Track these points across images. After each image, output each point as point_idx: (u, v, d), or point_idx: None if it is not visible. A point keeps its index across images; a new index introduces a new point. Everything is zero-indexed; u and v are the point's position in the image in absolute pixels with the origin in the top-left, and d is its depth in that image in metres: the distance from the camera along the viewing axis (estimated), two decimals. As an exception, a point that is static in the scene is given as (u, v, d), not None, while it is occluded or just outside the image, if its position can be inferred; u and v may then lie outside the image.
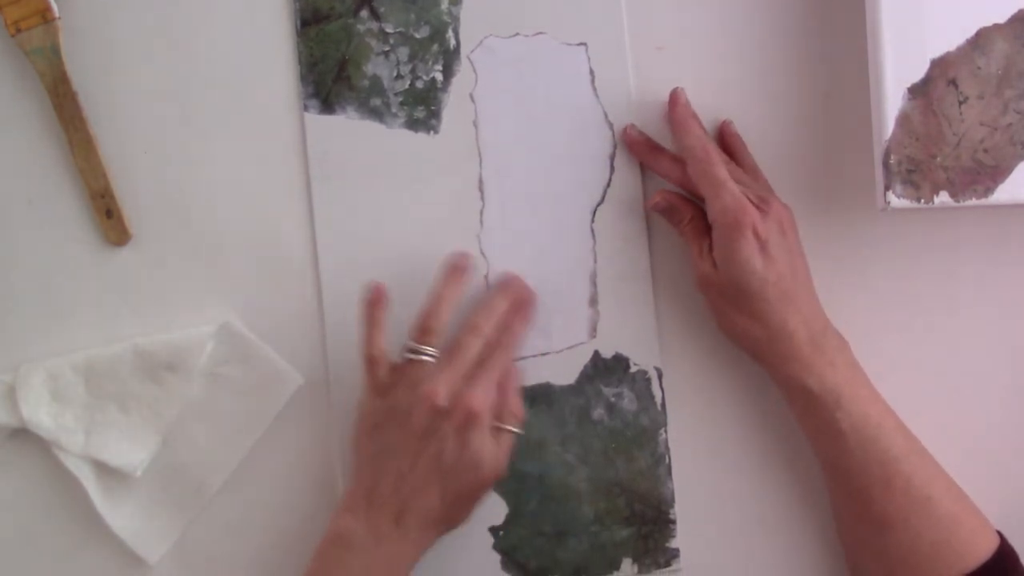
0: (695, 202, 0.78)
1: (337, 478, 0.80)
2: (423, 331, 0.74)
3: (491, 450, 0.72)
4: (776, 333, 0.73)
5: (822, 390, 0.73)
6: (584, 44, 0.81)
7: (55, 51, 0.78)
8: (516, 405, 0.75)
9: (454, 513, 0.72)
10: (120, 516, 0.78)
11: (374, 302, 0.75)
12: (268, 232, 0.80)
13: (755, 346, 0.75)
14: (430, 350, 0.73)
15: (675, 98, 0.78)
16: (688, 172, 0.76)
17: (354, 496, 0.72)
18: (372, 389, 0.74)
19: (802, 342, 0.73)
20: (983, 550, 0.71)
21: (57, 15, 0.78)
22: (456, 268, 0.76)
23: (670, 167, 0.79)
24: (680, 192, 0.78)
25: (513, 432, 0.74)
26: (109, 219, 0.79)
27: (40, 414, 0.77)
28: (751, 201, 0.73)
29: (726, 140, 0.81)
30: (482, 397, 0.71)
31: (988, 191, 0.73)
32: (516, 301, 0.77)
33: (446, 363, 0.72)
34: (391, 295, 0.75)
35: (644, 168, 0.81)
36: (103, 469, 0.78)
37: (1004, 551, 0.72)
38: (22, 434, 0.78)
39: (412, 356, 0.73)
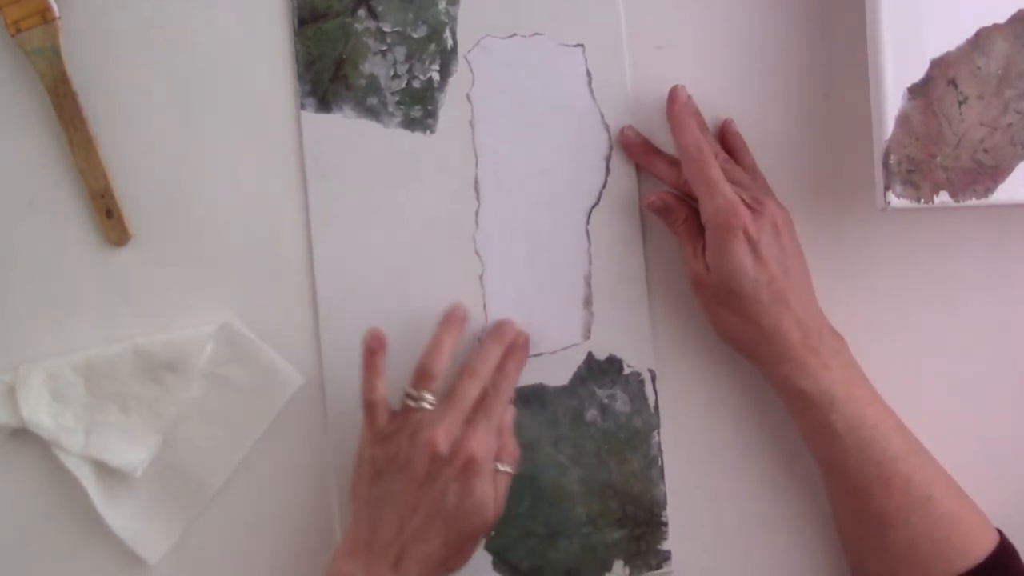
0: (690, 203, 0.77)
1: (335, 479, 0.80)
2: (422, 377, 0.74)
3: (491, 493, 0.72)
4: (769, 334, 0.73)
5: (816, 392, 0.72)
6: (581, 45, 0.81)
7: (55, 51, 0.78)
8: (512, 446, 0.76)
9: (456, 557, 0.72)
10: (120, 516, 0.79)
11: (374, 349, 0.75)
12: (266, 231, 0.80)
13: (749, 347, 0.75)
14: (429, 396, 0.74)
15: (674, 95, 0.78)
16: (683, 172, 0.76)
17: (354, 541, 0.72)
18: (372, 436, 0.74)
19: (795, 343, 0.73)
20: (983, 547, 0.71)
21: (57, 15, 0.78)
22: (454, 317, 0.77)
23: (665, 169, 0.78)
24: (676, 193, 0.78)
25: (509, 473, 0.75)
26: (109, 219, 0.79)
27: (40, 414, 0.78)
28: (745, 202, 0.73)
29: (726, 139, 0.80)
30: (483, 443, 0.71)
31: (988, 191, 0.73)
32: (510, 345, 0.77)
33: (445, 409, 0.73)
34: (388, 294, 0.75)
35: (640, 170, 0.81)
36: (103, 469, 0.78)
37: (1004, 548, 0.72)
38: (22, 434, 0.78)
39: (412, 403, 0.74)
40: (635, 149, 0.80)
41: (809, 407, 0.73)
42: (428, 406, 0.73)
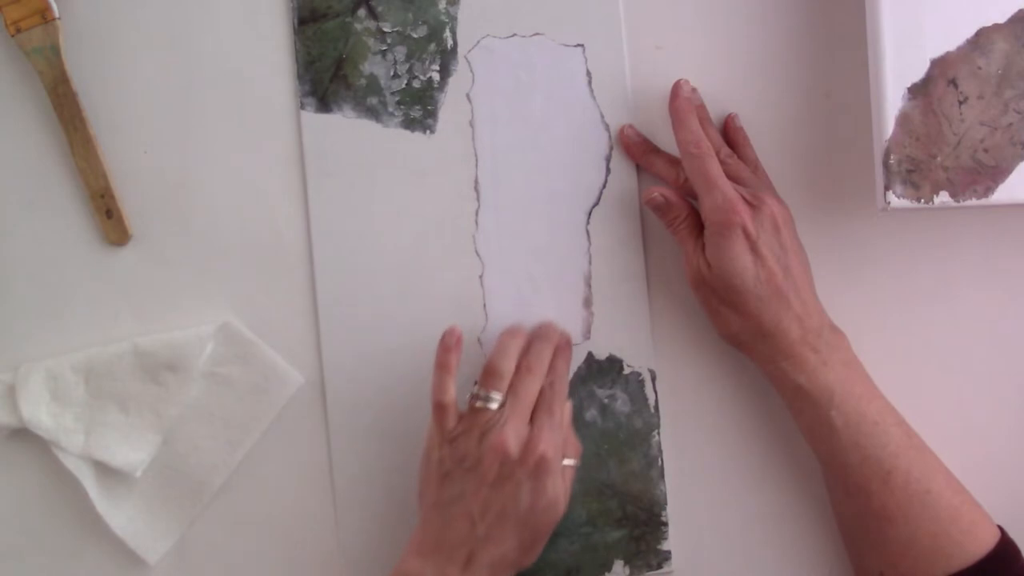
0: (690, 202, 0.77)
1: (335, 479, 0.80)
2: (491, 376, 0.74)
3: (562, 489, 0.72)
4: (769, 331, 0.73)
5: (815, 388, 0.73)
6: (581, 45, 0.81)
7: (55, 51, 0.78)
8: (574, 440, 0.76)
9: (528, 554, 0.72)
10: (120, 516, 0.79)
11: (449, 347, 0.74)
12: (266, 231, 0.80)
13: (749, 344, 0.75)
14: (497, 396, 0.73)
15: (675, 90, 0.78)
16: (683, 170, 0.76)
17: (422, 542, 0.72)
18: (440, 436, 0.74)
19: (795, 340, 0.73)
20: (984, 543, 0.71)
21: (57, 15, 0.78)
22: (518, 330, 0.76)
23: (666, 168, 0.79)
24: (676, 191, 0.78)
25: (574, 466, 0.75)
26: (109, 219, 0.79)
27: (40, 414, 0.78)
28: (744, 199, 0.73)
29: (730, 134, 0.80)
30: (551, 442, 0.71)
31: (988, 191, 0.73)
32: (557, 344, 0.77)
33: (510, 410, 0.72)
34: (388, 294, 0.75)
35: (640, 169, 0.81)
36: (103, 469, 0.78)
37: (1005, 545, 0.72)
38: (22, 434, 0.78)
39: (479, 403, 0.73)
40: (635, 149, 0.80)
41: (808, 404, 0.73)
42: (495, 406, 0.73)
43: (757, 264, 0.72)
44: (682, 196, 0.77)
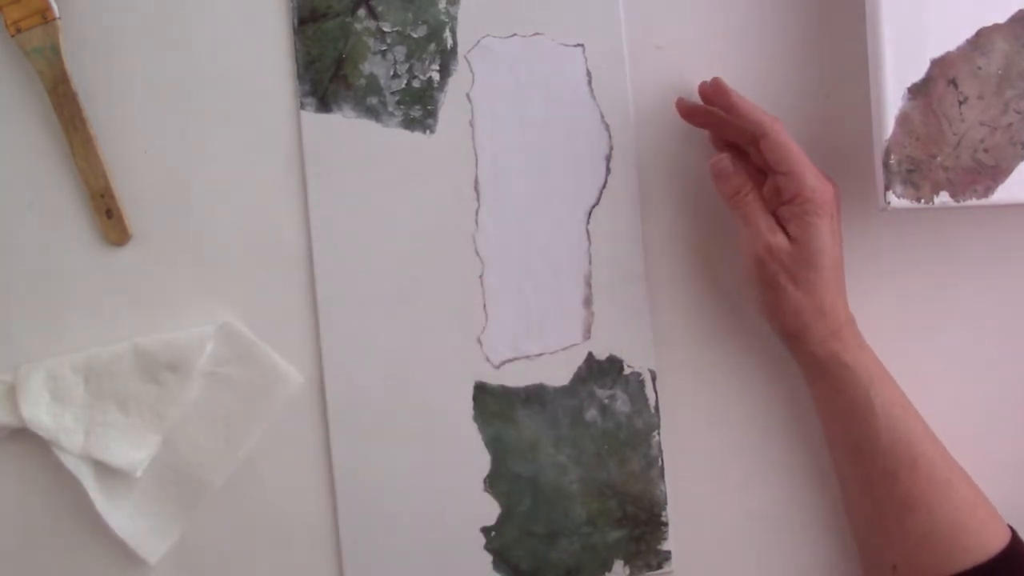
0: (746, 179, 0.77)
1: (335, 478, 0.80)
2: None
3: None
4: (826, 309, 0.74)
5: (860, 368, 0.74)
6: (581, 45, 0.81)
7: (55, 51, 0.78)
8: None
9: None
10: (120, 516, 0.79)
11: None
12: (266, 231, 0.80)
13: (799, 325, 0.75)
14: None
15: (720, 86, 0.77)
16: (762, 146, 0.75)
17: None
18: None
19: (843, 320, 0.74)
20: (998, 538, 0.72)
21: (57, 15, 0.78)
22: None
23: (736, 133, 0.78)
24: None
25: None
26: (109, 219, 0.79)
27: (40, 414, 0.77)
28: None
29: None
30: None
31: (988, 191, 0.73)
32: None
33: None
34: (388, 294, 0.75)
35: (640, 169, 0.81)
36: (103, 469, 0.78)
37: (1017, 540, 0.73)
38: (22, 434, 0.78)
39: None
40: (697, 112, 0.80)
41: (851, 382, 0.74)
42: None
43: (834, 245, 0.73)
44: (748, 171, 0.77)
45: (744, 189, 0.76)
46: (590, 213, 0.81)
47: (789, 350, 0.77)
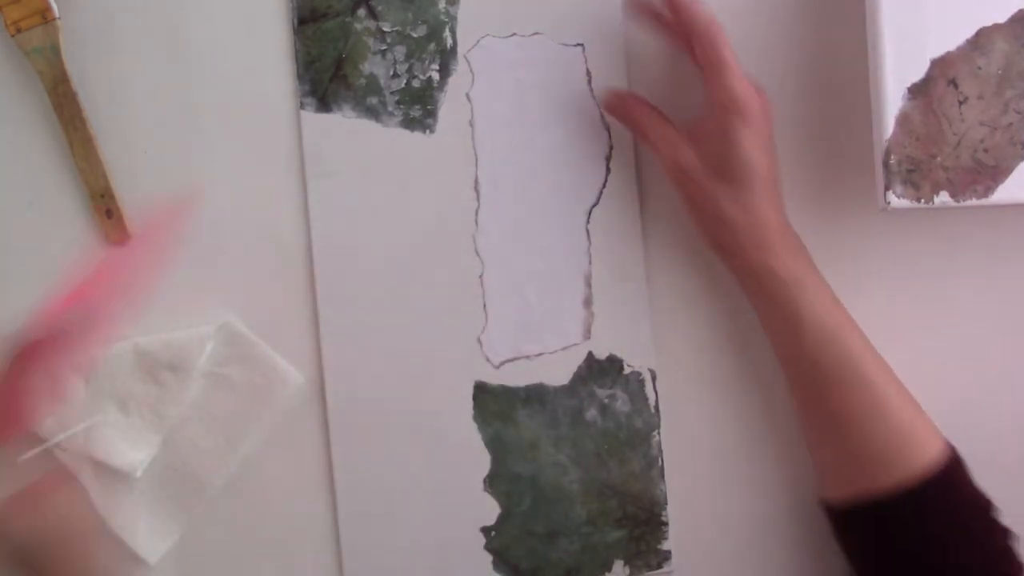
0: (651, 105, 0.78)
1: (335, 478, 0.80)
2: None
3: None
4: (757, 221, 0.73)
5: (787, 277, 0.73)
6: (581, 45, 0.81)
7: (55, 51, 0.78)
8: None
9: None
10: (120, 516, 0.79)
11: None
12: (266, 231, 0.80)
13: (730, 234, 0.75)
14: None
15: None
16: (694, 46, 0.75)
17: None
18: None
19: (774, 229, 0.74)
20: (935, 458, 0.72)
21: (57, 15, 0.78)
22: None
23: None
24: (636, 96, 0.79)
25: None
26: (109, 219, 0.79)
27: (40, 413, 0.78)
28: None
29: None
30: None
31: (988, 191, 0.73)
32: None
33: None
34: (388, 293, 0.75)
35: (640, 170, 0.81)
36: (103, 469, 0.78)
37: (954, 461, 0.73)
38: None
39: None
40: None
41: (779, 291, 0.74)
42: None
43: (761, 154, 0.73)
44: (643, 100, 0.78)
45: (644, 108, 0.77)
46: (590, 213, 0.81)
47: (723, 263, 0.77)
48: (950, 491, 0.72)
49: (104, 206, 0.79)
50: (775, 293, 0.74)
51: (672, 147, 0.75)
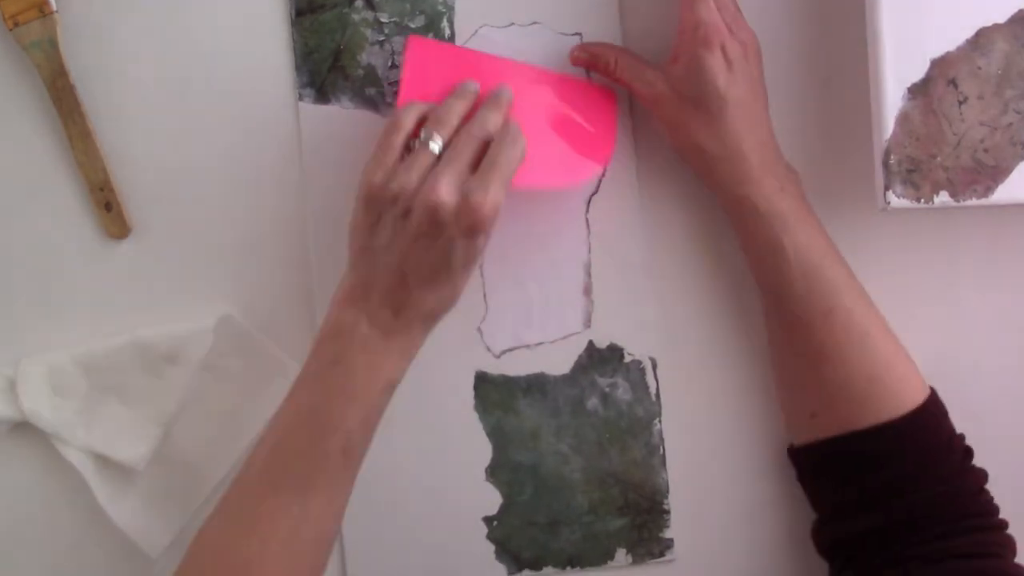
0: (612, 45, 0.79)
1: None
2: (435, 121, 0.70)
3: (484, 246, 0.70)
4: (731, 153, 0.74)
5: (769, 211, 0.74)
6: (579, 34, 0.81)
7: (53, 44, 0.77)
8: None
9: (452, 304, 0.71)
10: (122, 509, 0.79)
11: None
12: (265, 223, 0.81)
13: (708, 164, 0.76)
14: (439, 140, 0.69)
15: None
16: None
17: (352, 289, 0.70)
18: (382, 158, 0.70)
19: (755, 164, 0.74)
20: (915, 396, 0.73)
21: (54, 9, 0.77)
22: (467, 91, 0.73)
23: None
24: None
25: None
26: (108, 212, 0.79)
27: (41, 407, 0.78)
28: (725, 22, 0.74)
29: None
30: (488, 201, 0.67)
31: (988, 191, 0.73)
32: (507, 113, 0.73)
33: (446, 162, 0.68)
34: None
35: (639, 159, 0.81)
36: (104, 462, 0.79)
37: (934, 401, 0.74)
38: (23, 427, 0.78)
39: (418, 143, 0.69)
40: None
41: (761, 226, 0.74)
42: (436, 149, 0.69)
43: (730, 85, 0.73)
44: (604, 44, 0.79)
45: (611, 58, 0.78)
46: (589, 202, 0.81)
47: (708, 190, 0.78)
48: (928, 432, 0.73)
49: (104, 200, 0.79)
50: (757, 228, 0.75)
51: (639, 75, 0.76)
